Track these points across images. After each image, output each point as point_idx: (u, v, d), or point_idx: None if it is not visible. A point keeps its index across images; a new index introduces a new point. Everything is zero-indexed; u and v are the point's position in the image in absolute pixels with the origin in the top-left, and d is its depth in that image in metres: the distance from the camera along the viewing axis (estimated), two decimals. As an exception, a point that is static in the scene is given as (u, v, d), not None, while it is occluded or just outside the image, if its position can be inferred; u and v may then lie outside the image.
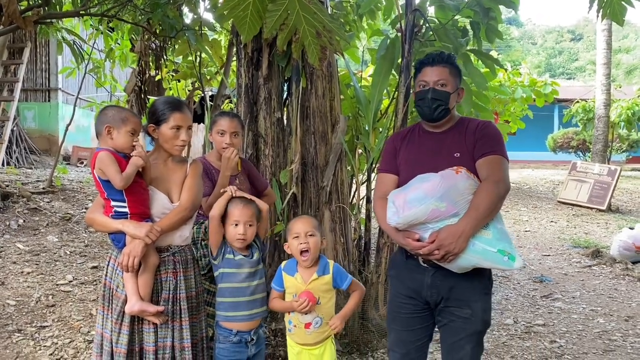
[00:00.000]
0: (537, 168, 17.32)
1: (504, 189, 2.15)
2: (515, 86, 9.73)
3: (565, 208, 10.41)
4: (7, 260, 4.79)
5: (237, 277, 2.43)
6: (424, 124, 2.39)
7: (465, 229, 2.04)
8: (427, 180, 2.13)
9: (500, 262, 2.06)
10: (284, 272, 2.48)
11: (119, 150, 2.27)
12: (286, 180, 3.79)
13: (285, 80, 4.06)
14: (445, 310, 2.24)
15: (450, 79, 2.28)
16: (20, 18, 3.31)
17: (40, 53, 12.33)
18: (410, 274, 2.27)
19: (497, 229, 2.10)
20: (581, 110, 15.93)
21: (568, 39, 53.23)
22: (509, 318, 4.60)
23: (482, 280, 2.23)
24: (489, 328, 2.32)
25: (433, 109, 2.25)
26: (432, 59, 2.31)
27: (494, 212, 2.11)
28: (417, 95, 2.32)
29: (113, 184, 2.21)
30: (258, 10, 2.30)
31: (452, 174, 2.12)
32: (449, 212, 2.07)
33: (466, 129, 2.28)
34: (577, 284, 5.78)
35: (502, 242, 2.07)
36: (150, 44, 5.76)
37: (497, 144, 2.23)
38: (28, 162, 11.04)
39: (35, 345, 3.45)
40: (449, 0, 3.80)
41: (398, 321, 2.36)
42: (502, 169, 2.18)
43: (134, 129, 2.29)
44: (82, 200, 7.26)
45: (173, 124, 2.35)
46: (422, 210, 2.07)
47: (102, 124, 2.27)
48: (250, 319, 2.44)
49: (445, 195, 2.07)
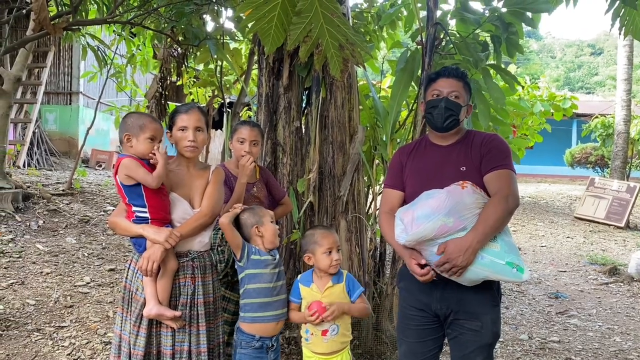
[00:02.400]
0: (554, 183, 17.16)
1: (514, 204, 2.15)
2: (534, 100, 9.67)
3: (582, 224, 10.30)
4: (27, 261, 4.88)
5: (264, 278, 2.45)
6: (432, 136, 2.41)
7: (472, 242, 2.05)
8: (433, 196, 2.15)
9: (509, 275, 2.06)
10: (300, 284, 2.52)
11: (139, 157, 2.32)
12: (303, 189, 3.82)
13: (305, 90, 4.11)
14: (455, 323, 2.24)
15: (463, 93, 2.31)
16: (50, 25, 3.40)
17: (63, 57, 12.58)
18: (420, 287, 2.28)
19: (505, 242, 2.11)
20: (600, 126, 15.78)
21: (588, 53, 52.77)
22: (524, 333, 4.57)
23: (490, 292, 2.24)
24: (498, 340, 2.32)
25: (445, 117, 2.27)
26: (448, 71, 2.35)
27: (502, 226, 2.12)
28: (429, 103, 2.33)
29: (146, 184, 2.26)
30: (282, 22, 2.34)
31: (458, 189, 2.14)
32: (456, 227, 2.08)
33: (472, 142, 2.30)
34: (593, 301, 5.72)
35: (510, 255, 2.08)
36: (173, 51, 5.86)
37: (505, 157, 2.24)
38: (48, 164, 11.23)
39: (53, 345, 3.51)
40: (470, 14, 3.81)
41: (408, 333, 2.37)
42: (511, 183, 2.18)
43: (153, 135, 2.33)
44: (100, 203, 7.37)
45: (180, 125, 2.41)
46: (430, 227, 2.09)
47: (122, 132, 2.33)
48: (276, 320, 2.46)
49: (452, 210, 2.08)
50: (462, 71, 2.39)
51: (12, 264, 4.73)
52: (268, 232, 2.52)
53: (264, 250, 2.49)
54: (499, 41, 3.69)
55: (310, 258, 2.51)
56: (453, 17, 3.95)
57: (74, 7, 4.28)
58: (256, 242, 2.51)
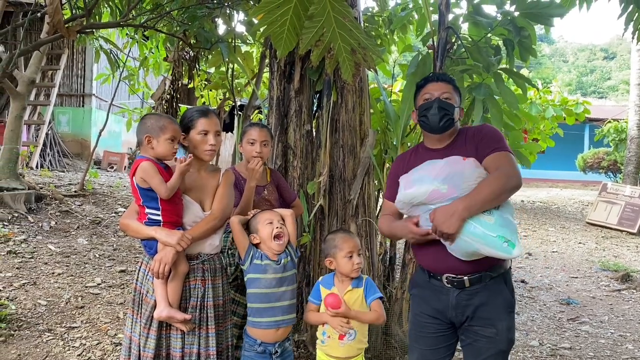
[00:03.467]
0: (565, 188, 17.03)
1: (515, 182, 2.11)
2: (546, 104, 9.61)
3: (594, 229, 10.20)
4: (39, 261, 4.92)
5: (262, 283, 2.44)
6: (427, 141, 2.41)
7: (457, 208, 2.02)
8: (434, 163, 2.19)
9: (499, 248, 2.01)
10: (321, 286, 2.53)
11: (160, 158, 2.33)
12: (313, 191, 3.82)
13: (316, 93, 4.11)
14: (470, 330, 2.22)
15: (454, 95, 2.33)
16: (64, 28, 3.44)
17: (76, 59, 12.69)
18: (435, 294, 2.27)
19: (502, 217, 2.07)
20: (613, 131, 15.65)
21: (601, 57, 52.34)
22: (534, 340, 4.53)
23: (506, 298, 2.22)
24: (512, 347, 2.29)
25: (440, 117, 2.26)
26: (436, 76, 2.39)
27: (495, 201, 2.07)
28: (421, 107, 2.33)
29: (158, 194, 2.27)
30: (295, 26, 2.34)
31: (459, 159, 2.16)
32: (449, 195, 2.08)
33: (465, 137, 2.31)
34: (605, 308, 5.66)
35: (504, 229, 2.04)
36: (184, 54, 5.90)
37: (499, 140, 2.24)
38: (61, 165, 11.33)
39: (64, 346, 3.53)
40: (482, 18, 3.80)
41: (421, 340, 2.35)
42: (512, 164, 2.17)
43: (173, 135, 2.34)
44: (111, 204, 7.42)
45: (200, 129, 2.42)
46: (423, 190, 2.11)
47: (142, 133, 2.33)
48: (275, 326, 2.44)
49: (449, 178, 2.09)
50: (451, 76, 2.43)
51: (24, 264, 4.78)
52: (262, 237, 2.50)
53: (271, 256, 2.48)
54: (512, 45, 3.68)
55: (331, 262, 2.50)
56: (465, 20, 3.94)
57: (87, 11, 4.32)
58: (262, 248, 2.51)
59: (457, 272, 2.18)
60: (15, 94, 6.87)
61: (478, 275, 2.16)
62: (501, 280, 2.21)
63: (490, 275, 2.17)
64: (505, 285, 2.23)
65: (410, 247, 3.70)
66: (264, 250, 2.48)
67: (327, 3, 2.26)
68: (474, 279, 2.17)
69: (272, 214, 2.56)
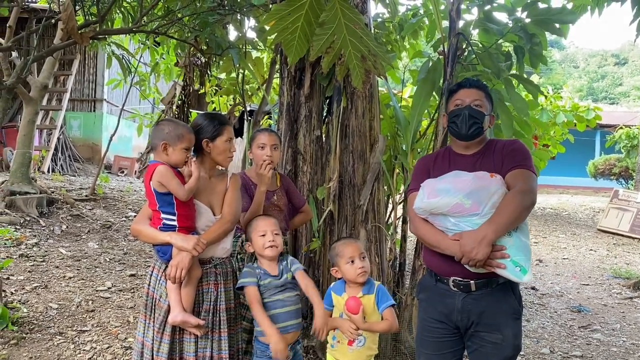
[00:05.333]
0: (576, 194, 16.90)
1: (530, 201, 2.13)
2: (557, 110, 9.55)
3: (605, 236, 10.11)
4: (50, 265, 4.96)
5: (264, 295, 2.45)
6: (455, 146, 2.41)
7: (487, 233, 2.03)
8: (460, 176, 2.18)
9: (511, 272, 2.04)
10: (333, 292, 2.52)
11: (172, 165, 2.35)
12: (323, 197, 3.83)
13: (326, 99, 4.13)
14: (475, 335, 2.21)
15: (485, 103, 2.33)
16: (77, 34, 3.48)
17: (88, 65, 12.81)
18: (441, 298, 2.27)
19: (520, 240, 2.09)
20: (625, 137, 15.53)
21: (612, 63, 51.97)
22: (545, 347, 4.49)
23: (512, 304, 2.21)
24: (519, 353, 2.28)
25: (469, 125, 2.27)
26: (469, 82, 2.37)
27: (517, 221, 2.09)
28: (451, 113, 2.34)
29: (177, 196, 2.30)
30: (305, 33, 2.36)
31: (487, 175, 2.15)
32: (472, 210, 2.08)
33: (494, 149, 2.31)
34: (617, 315, 5.60)
35: (520, 254, 2.05)
36: (196, 60, 5.95)
37: (524, 158, 2.24)
38: (72, 170, 11.43)
39: (75, 349, 3.56)
40: (493, 25, 3.80)
41: (428, 345, 2.34)
42: (529, 181, 2.17)
43: (189, 145, 2.38)
44: (122, 208, 7.47)
45: (227, 137, 2.49)
46: (446, 202, 2.10)
47: (159, 139, 2.35)
48: (284, 332, 2.43)
49: (474, 193, 2.08)
50: (484, 82, 2.41)
51: (35, 267, 4.82)
52: (255, 247, 2.53)
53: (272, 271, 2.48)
54: (522, 52, 3.67)
55: (337, 271, 2.51)
56: (476, 27, 3.94)
57: (100, 17, 4.37)
58: (261, 262, 2.53)
59: (464, 275, 2.17)
60: (28, 99, 6.95)
61: (485, 279, 2.16)
62: (508, 287, 2.21)
63: (497, 280, 2.17)
64: (511, 292, 2.22)
65: (420, 254, 3.69)
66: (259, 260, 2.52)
67: (338, 10, 2.27)
68: (480, 284, 2.17)
69: (266, 223, 2.54)
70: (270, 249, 2.47)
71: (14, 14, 5.62)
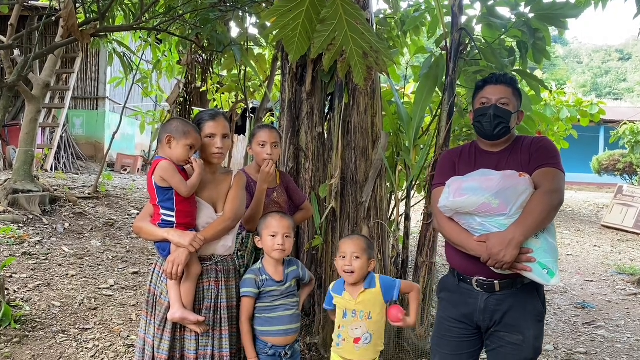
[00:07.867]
0: (580, 190, 16.84)
1: (557, 200, 2.09)
2: (561, 106, 9.51)
3: (609, 232, 10.08)
4: (53, 263, 4.97)
5: (267, 299, 2.48)
6: (481, 143, 2.35)
7: (515, 235, 1.99)
8: (488, 174, 2.12)
9: (538, 274, 2.02)
10: (333, 293, 2.51)
11: (174, 161, 2.34)
12: (325, 194, 3.81)
13: (328, 96, 4.11)
14: (496, 335, 2.18)
15: (513, 100, 2.26)
16: (78, 31, 3.47)
17: (90, 63, 12.81)
18: (463, 298, 2.23)
19: (548, 242, 2.05)
20: (629, 132, 15.44)
21: (616, 58, 51.71)
22: (549, 344, 4.47)
23: (536, 306, 2.17)
24: (539, 356, 2.23)
25: (494, 125, 2.22)
26: (495, 78, 2.30)
27: (546, 222, 2.05)
28: (477, 112, 2.28)
29: (179, 192, 2.29)
30: (307, 30, 2.34)
31: (515, 175, 2.10)
32: (499, 210, 2.03)
33: (522, 146, 2.26)
34: (621, 312, 5.58)
35: (547, 257, 2.03)
36: (197, 57, 5.93)
37: (552, 157, 2.20)
38: (75, 168, 11.44)
39: (77, 347, 3.56)
40: (496, 20, 3.77)
41: (445, 344, 2.31)
42: (556, 181, 2.13)
43: (193, 144, 2.35)
44: (124, 206, 7.47)
45: (207, 132, 2.43)
46: (473, 201, 2.05)
47: (165, 132, 2.36)
48: (285, 334, 2.47)
49: (502, 193, 2.04)
50: (512, 77, 2.33)
51: (38, 265, 4.82)
52: (264, 245, 2.54)
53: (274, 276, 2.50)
54: (526, 47, 3.65)
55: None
56: (479, 22, 3.91)
57: (101, 14, 4.36)
58: (266, 262, 2.54)
59: (488, 275, 2.13)
60: (31, 97, 6.95)
61: (509, 280, 2.12)
62: (533, 288, 2.16)
63: (522, 281, 2.13)
64: (536, 293, 2.18)
65: (422, 250, 3.68)
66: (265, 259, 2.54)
67: (340, 6, 2.25)
68: (504, 284, 2.13)
69: (280, 225, 2.52)
70: (278, 252, 2.48)
71: (15, 12, 5.62)
